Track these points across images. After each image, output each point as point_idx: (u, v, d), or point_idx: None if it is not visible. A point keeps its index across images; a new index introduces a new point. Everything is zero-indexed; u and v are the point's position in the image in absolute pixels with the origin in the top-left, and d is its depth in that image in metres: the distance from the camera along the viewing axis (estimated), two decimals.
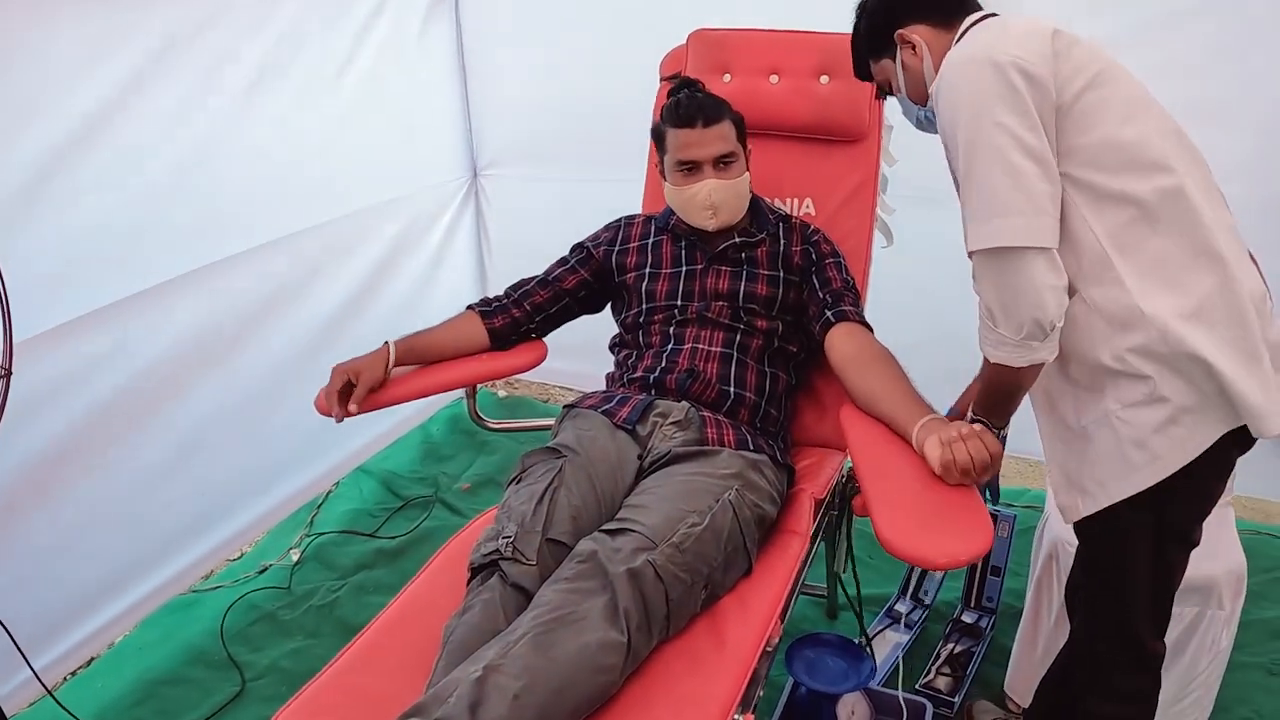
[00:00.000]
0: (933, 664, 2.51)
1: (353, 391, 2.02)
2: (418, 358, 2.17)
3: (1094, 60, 1.54)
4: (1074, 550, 2.16)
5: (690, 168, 2.16)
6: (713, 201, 2.16)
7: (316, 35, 2.86)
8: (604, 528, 1.71)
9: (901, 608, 2.70)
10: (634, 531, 1.67)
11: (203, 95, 2.53)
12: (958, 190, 1.59)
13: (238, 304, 2.75)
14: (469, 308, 2.30)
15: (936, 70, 1.66)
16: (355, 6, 3.01)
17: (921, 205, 2.45)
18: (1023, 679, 2.34)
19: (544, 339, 2.35)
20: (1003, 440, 1.78)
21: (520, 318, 2.28)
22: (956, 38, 1.68)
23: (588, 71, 3.33)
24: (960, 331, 2.01)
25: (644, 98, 2.60)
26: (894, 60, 1.81)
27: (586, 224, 2.46)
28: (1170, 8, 2.55)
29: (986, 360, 1.62)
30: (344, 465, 3.32)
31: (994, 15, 1.68)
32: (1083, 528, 1.74)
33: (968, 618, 2.64)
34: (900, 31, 1.76)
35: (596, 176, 3.32)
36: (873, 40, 1.85)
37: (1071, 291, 1.56)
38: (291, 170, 2.87)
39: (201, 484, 2.74)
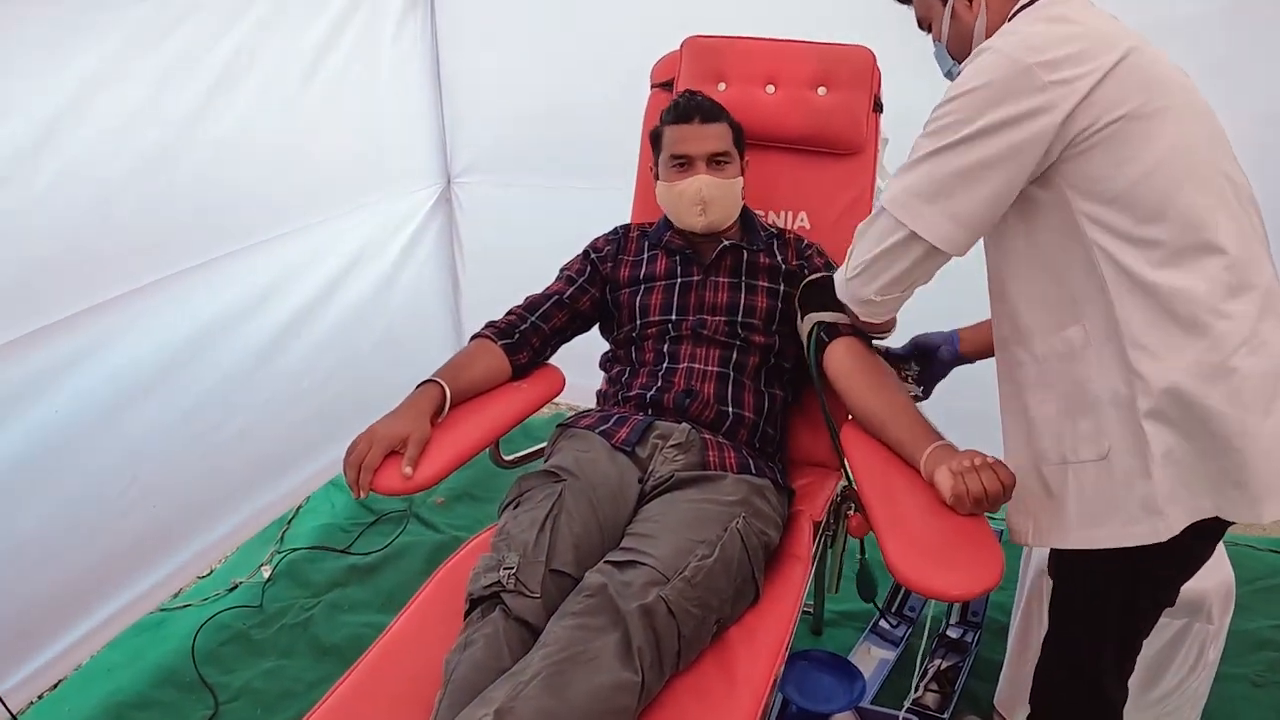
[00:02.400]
0: (921, 680, 2.48)
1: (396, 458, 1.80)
2: (462, 401, 2.00)
3: (1159, 88, 1.45)
4: None
5: (683, 163, 2.13)
6: (703, 197, 2.12)
7: (286, 38, 2.79)
8: (611, 559, 1.66)
9: (886, 624, 2.67)
10: (644, 565, 1.62)
11: (163, 99, 2.44)
12: (921, 139, 1.56)
13: (198, 315, 2.66)
14: (482, 336, 2.15)
15: (988, 32, 1.61)
16: (327, 9, 2.93)
17: None
18: (1013, 694, 2.33)
19: (555, 364, 2.28)
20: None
21: (539, 346, 2.18)
22: (1021, 4, 1.59)
23: (567, 76, 3.28)
24: None
25: (626, 103, 2.56)
26: (944, 3, 1.69)
27: (567, 232, 2.42)
28: (1152, 19, 2.53)
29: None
30: (315, 479, 3.24)
31: None
32: (1056, 569, 1.71)
33: (953, 633, 2.61)
34: None
35: (577, 184, 3.28)
36: None
37: (1075, 319, 1.52)
38: (255, 179, 2.79)
39: (165, 498, 2.65)
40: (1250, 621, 2.69)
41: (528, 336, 2.16)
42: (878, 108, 2.36)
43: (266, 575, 2.96)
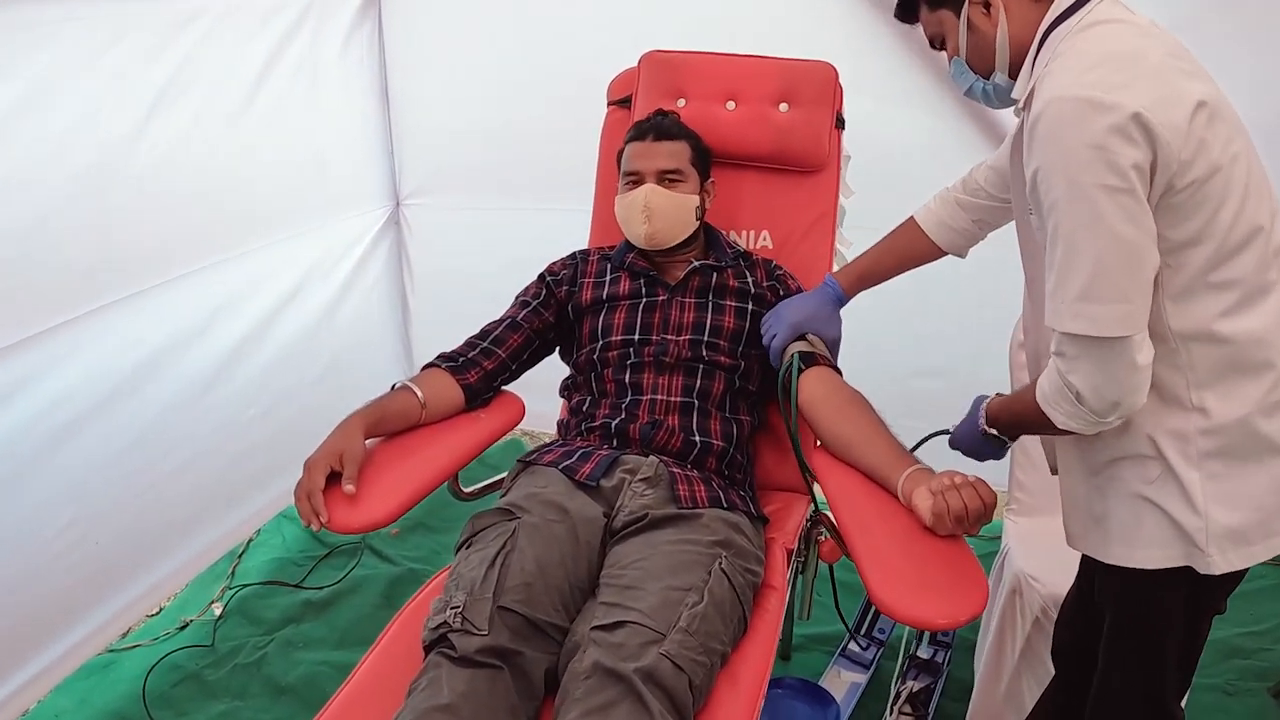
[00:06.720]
0: (893, 704, 2.45)
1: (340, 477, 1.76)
2: (390, 426, 1.94)
3: (1230, 138, 1.36)
4: (1038, 585, 2.13)
5: (635, 179, 2.14)
6: (647, 203, 2.11)
7: (228, 56, 2.71)
8: (597, 623, 1.59)
9: (856, 646, 2.64)
10: (632, 622, 1.55)
11: (99, 121, 2.36)
12: (1046, 243, 1.40)
13: (139, 344, 2.58)
14: (430, 365, 2.10)
15: (1012, 42, 1.49)
16: (270, 27, 2.85)
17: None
18: (985, 717, 2.30)
19: (514, 391, 2.22)
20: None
21: (493, 369, 2.11)
22: (1057, 13, 1.44)
23: (520, 95, 3.22)
24: (896, 361, 1.99)
25: (580, 123, 2.53)
26: (958, 15, 1.53)
27: (520, 255, 2.38)
28: None
29: (1039, 404, 1.46)
30: (265, 510, 3.15)
31: None
32: (1112, 597, 1.64)
33: (924, 653, 2.59)
34: None
35: (530, 206, 3.23)
36: None
37: None
38: (197, 202, 2.70)
39: (110, 533, 2.56)
40: (1220, 630, 2.65)
41: (476, 359, 2.11)
42: (840, 124, 2.33)
43: (218, 613, 2.87)
